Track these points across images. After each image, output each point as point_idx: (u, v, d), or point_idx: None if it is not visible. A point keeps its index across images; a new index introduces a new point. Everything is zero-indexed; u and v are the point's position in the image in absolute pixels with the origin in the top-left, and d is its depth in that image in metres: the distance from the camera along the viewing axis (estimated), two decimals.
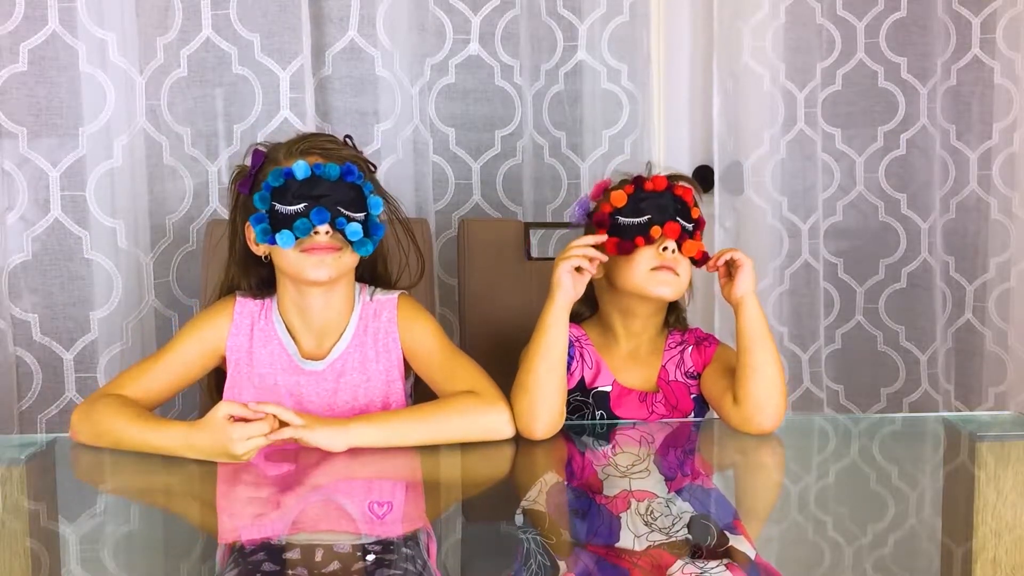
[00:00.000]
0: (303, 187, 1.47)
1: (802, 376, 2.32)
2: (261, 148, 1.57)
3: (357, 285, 1.64)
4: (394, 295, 1.64)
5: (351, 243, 1.49)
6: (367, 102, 2.10)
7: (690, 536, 1.15)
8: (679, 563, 1.05)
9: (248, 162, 1.57)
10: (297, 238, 1.47)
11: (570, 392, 1.64)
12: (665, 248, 1.59)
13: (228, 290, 1.63)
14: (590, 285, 1.65)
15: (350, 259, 1.53)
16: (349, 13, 2.06)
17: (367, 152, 2.09)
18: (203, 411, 1.78)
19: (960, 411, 2.42)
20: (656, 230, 1.59)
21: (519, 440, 1.50)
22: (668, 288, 1.60)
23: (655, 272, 1.59)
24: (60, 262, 1.96)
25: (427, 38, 2.16)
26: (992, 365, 2.41)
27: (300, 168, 1.47)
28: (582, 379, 1.65)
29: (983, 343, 2.41)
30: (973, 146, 2.38)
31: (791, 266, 2.30)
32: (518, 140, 2.23)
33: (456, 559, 1.17)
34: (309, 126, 2.01)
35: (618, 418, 1.64)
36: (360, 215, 1.50)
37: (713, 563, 1.05)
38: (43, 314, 1.96)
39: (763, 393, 1.52)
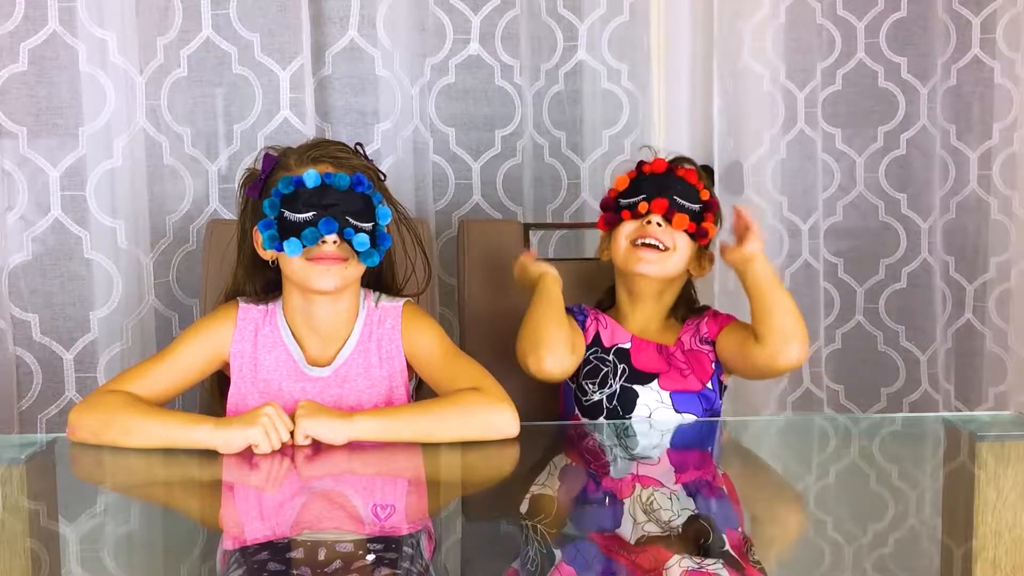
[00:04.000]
0: (313, 196, 1.47)
1: (802, 376, 2.32)
2: (272, 152, 1.57)
3: (362, 291, 1.63)
4: (399, 303, 1.64)
5: (358, 253, 1.49)
6: (367, 102, 2.11)
7: (684, 534, 1.15)
8: (675, 558, 1.06)
9: (259, 165, 1.57)
10: (304, 247, 1.47)
11: (587, 349, 1.69)
12: (649, 222, 1.63)
13: (234, 294, 1.63)
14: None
15: (356, 269, 1.53)
16: (349, 13, 2.06)
17: (367, 152, 2.10)
18: (204, 412, 1.78)
19: (960, 411, 2.42)
20: (643, 205, 1.64)
21: (522, 438, 1.50)
22: (649, 266, 1.65)
23: (636, 249, 1.64)
24: (60, 262, 1.96)
25: (427, 38, 2.16)
26: (992, 365, 2.41)
27: (311, 177, 1.47)
28: (598, 337, 1.69)
29: (983, 343, 2.41)
30: (973, 146, 2.38)
31: (791, 266, 2.30)
32: (518, 140, 2.23)
33: (456, 558, 1.17)
34: (309, 126, 2.01)
35: (639, 371, 1.67)
36: (368, 225, 1.50)
37: (710, 561, 1.05)
38: (43, 314, 1.96)
39: (788, 324, 1.58)
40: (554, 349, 1.57)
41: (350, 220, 1.48)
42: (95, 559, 1.14)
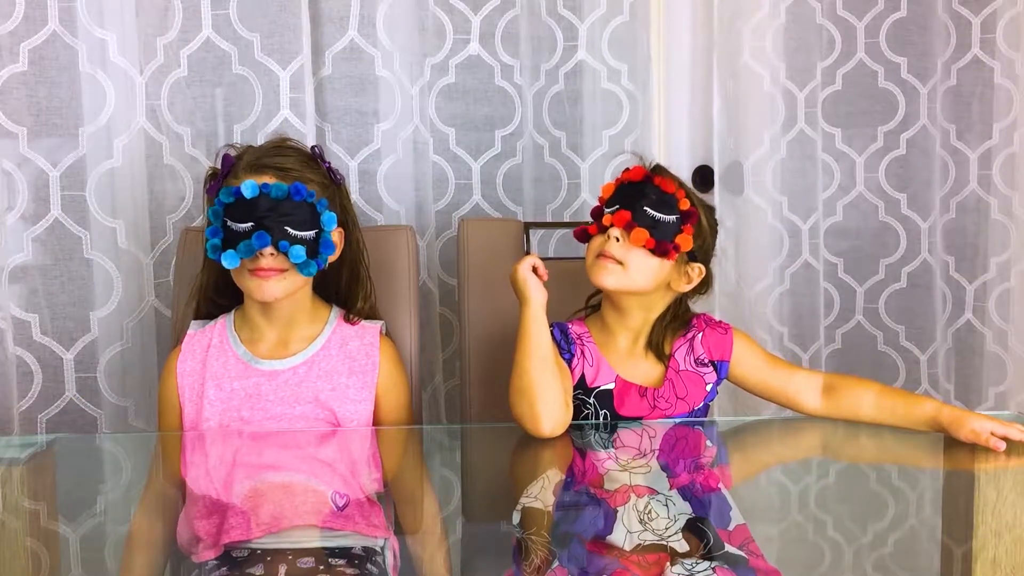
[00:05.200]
0: (251, 206, 1.48)
1: None
2: (231, 153, 1.59)
3: (334, 309, 1.66)
4: (377, 324, 1.67)
5: (295, 265, 1.50)
6: (367, 102, 2.10)
7: (682, 539, 1.15)
8: (668, 563, 1.06)
9: (219, 164, 1.59)
10: (242, 259, 1.49)
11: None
12: (609, 237, 1.57)
13: (197, 292, 1.65)
14: None
15: (296, 279, 1.54)
16: (349, 13, 2.06)
17: (366, 152, 2.10)
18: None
19: None
20: (607, 218, 1.58)
21: (519, 439, 1.50)
22: (607, 277, 1.58)
23: (597, 260, 1.59)
24: (60, 262, 1.96)
25: (427, 38, 2.16)
26: (992, 365, 2.41)
27: (248, 187, 1.48)
28: (583, 377, 1.63)
29: (983, 343, 2.41)
30: (973, 146, 2.38)
31: (791, 266, 2.30)
32: (518, 140, 2.23)
33: (457, 558, 1.17)
34: (309, 126, 2.01)
35: (622, 417, 1.62)
36: (309, 233, 1.50)
37: (702, 565, 1.05)
38: (43, 314, 1.96)
39: None
40: (550, 415, 1.50)
41: (288, 231, 1.49)
42: (95, 559, 1.14)
